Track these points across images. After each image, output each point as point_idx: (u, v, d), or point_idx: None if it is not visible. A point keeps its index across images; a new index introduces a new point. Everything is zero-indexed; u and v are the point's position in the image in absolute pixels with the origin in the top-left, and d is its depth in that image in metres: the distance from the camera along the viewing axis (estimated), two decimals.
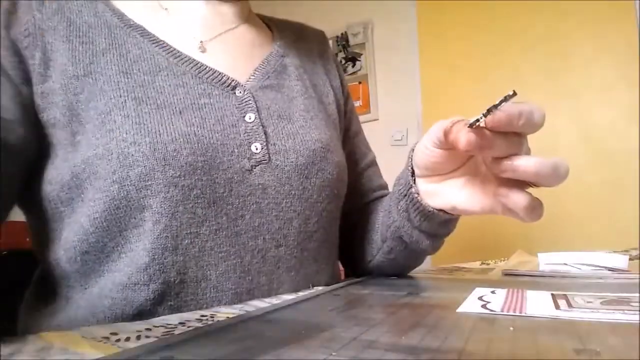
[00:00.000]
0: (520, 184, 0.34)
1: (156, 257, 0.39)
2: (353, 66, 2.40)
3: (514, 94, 0.27)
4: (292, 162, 0.46)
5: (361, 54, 2.37)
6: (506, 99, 0.27)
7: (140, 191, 0.38)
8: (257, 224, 0.44)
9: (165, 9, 0.49)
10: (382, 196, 0.61)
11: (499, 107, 0.28)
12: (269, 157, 0.45)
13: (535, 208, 0.33)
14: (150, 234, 0.39)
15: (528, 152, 0.33)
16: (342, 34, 2.42)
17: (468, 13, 2.02)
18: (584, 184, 1.70)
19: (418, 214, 0.44)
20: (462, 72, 2.02)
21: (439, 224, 0.45)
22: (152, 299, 0.39)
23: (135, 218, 0.39)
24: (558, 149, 1.73)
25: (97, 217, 0.39)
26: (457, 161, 0.39)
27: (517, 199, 0.33)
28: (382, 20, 2.31)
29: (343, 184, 0.53)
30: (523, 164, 0.31)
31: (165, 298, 0.39)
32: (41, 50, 0.41)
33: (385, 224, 0.51)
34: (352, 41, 2.39)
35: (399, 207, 0.46)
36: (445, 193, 0.40)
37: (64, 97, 0.41)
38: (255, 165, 0.44)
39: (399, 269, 0.56)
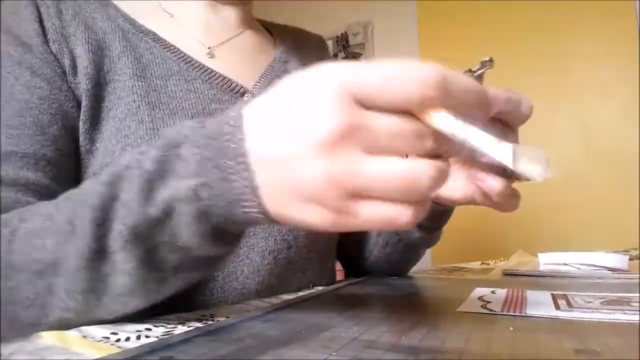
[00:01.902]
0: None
1: None
2: None
3: (491, 60, 0.27)
4: None
5: (361, 54, 2.37)
6: (483, 64, 0.27)
7: None
8: (266, 224, 0.44)
9: (171, 15, 0.49)
10: None
11: (476, 73, 0.28)
12: None
13: (511, 196, 0.33)
14: None
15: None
16: (342, 34, 2.41)
17: (468, 13, 2.02)
18: (584, 184, 1.69)
19: None
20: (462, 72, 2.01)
21: (430, 217, 0.46)
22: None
23: None
24: (558, 148, 1.73)
25: None
26: None
27: (492, 183, 0.33)
28: (382, 20, 2.31)
29: None
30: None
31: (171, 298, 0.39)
32: (69, 57, 0.41)
33: None
34: (352, 41, 2.38)
35: None
36: None
37: (87, 103, 0.41)
38: None
39: (397, 266, 0.56)
